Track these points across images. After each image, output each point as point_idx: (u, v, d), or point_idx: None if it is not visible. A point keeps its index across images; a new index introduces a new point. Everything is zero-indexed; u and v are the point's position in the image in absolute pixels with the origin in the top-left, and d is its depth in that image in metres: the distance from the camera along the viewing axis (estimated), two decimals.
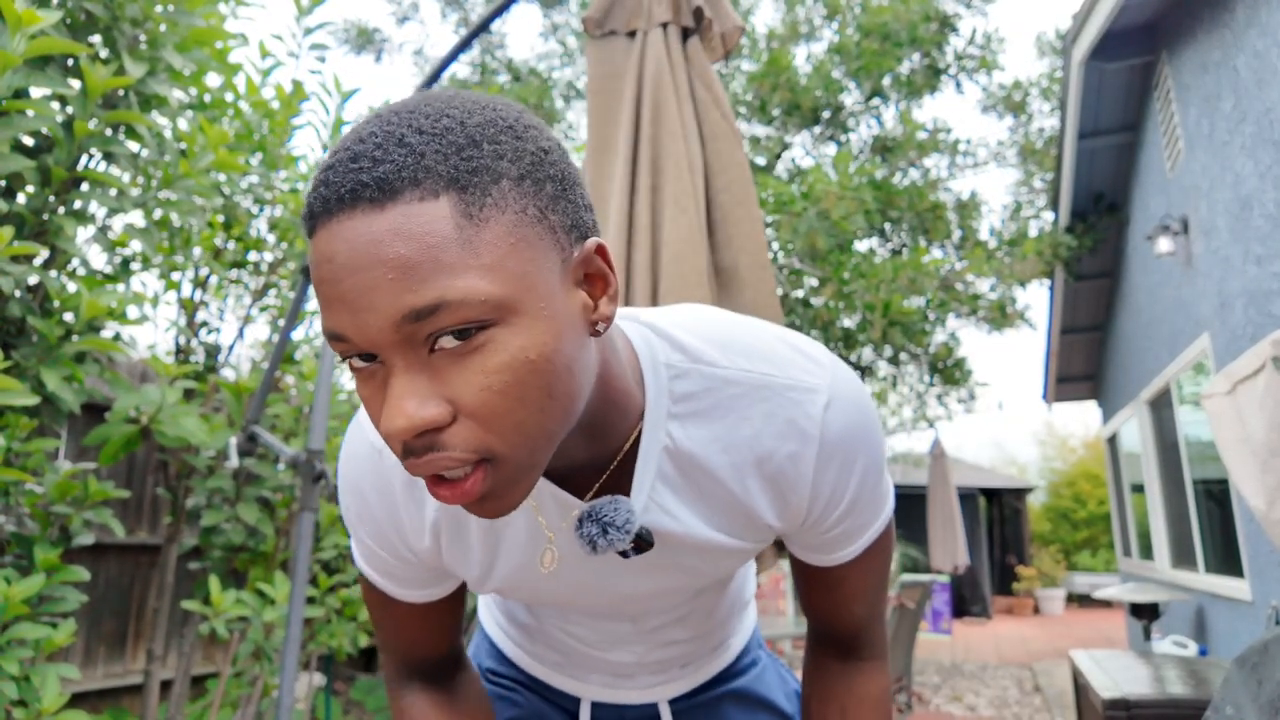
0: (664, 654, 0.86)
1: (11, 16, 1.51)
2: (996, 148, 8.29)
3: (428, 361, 0.47)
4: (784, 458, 0.64)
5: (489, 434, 0.48)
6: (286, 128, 2.44)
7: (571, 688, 0.90)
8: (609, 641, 0.84)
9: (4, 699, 1.60)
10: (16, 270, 1.58)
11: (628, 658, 0.85)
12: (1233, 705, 1.59)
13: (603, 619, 0.81)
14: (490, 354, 0.47)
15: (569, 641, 0.86)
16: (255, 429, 2.01)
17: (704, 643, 0.89)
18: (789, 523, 0.68)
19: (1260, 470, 2.74)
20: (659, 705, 0.90)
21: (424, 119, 0.47)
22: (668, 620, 0.82)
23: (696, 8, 2.08)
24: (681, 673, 0.90)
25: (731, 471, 0.64)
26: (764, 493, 0.65)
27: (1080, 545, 14.67)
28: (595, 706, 0.91)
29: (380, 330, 0.45)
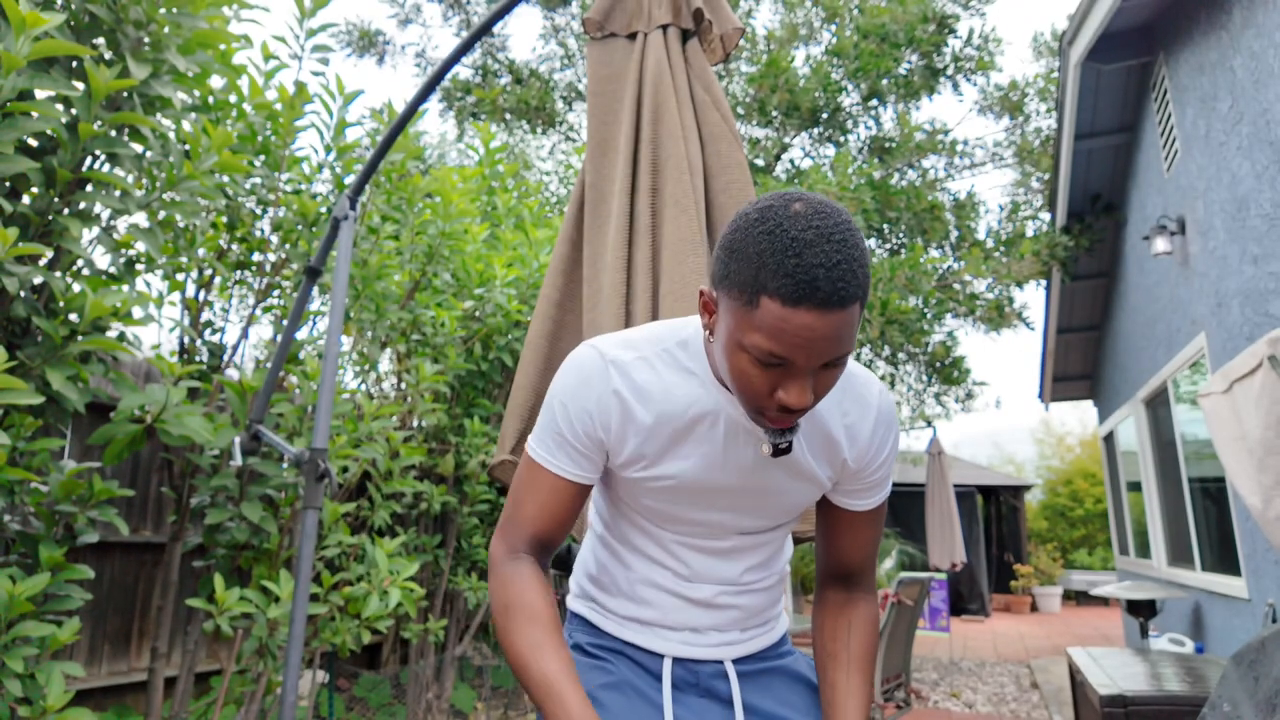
0: (732, 601, 1.14)
1: (16, 19, 1.52)
2: (994, 148, 8.31)
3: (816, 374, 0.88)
4: (855, 416, 1.06)
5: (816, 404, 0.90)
6: (290, 129, 2.45)
7: (658, 646, 1.14)
8: (697, 572, 1.11)
9: (9, 696, 1.61)
10: (21, 271, 1.60)
11: (703, 593, 1.12)
12: (1229, 702, 1.61)
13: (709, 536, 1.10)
14: (836, 371, 0.89)
15: (661, 580, 1.13)
16: (259, 428, 2.02)
17: (758, 614, 1.18)
18: (856, 460, 1.07)
19: (1256, 469, 2.75)
20: (725, 664, 1.15)
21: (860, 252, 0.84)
22: (747, 549, 1.13)
23: (696, 10, 2.10)
24: (742, 635, 1.17)
25: (831, 416, 1.05)
26: (846, 436, 1.06)
27: (1077, 543, 14.70)
28: (675, 666, 1.14)
29: (812, 365, 0.85)
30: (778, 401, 0.87)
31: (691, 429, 1.02)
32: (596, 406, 1.01)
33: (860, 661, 1.11)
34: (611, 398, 1.01)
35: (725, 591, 1.13)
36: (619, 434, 1.02)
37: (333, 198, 2.69)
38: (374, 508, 2.98)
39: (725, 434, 1.02)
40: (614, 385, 1.01)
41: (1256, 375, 2.77)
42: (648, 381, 1.02)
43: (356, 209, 1.92)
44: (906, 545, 9.36)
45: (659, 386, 1.02)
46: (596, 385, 1.01)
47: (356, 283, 2.76)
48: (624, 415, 1.02)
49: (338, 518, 2.56)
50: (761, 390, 0.87)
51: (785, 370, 0.86)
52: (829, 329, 0.81)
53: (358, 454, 2.55)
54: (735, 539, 1.11)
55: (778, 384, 0.87)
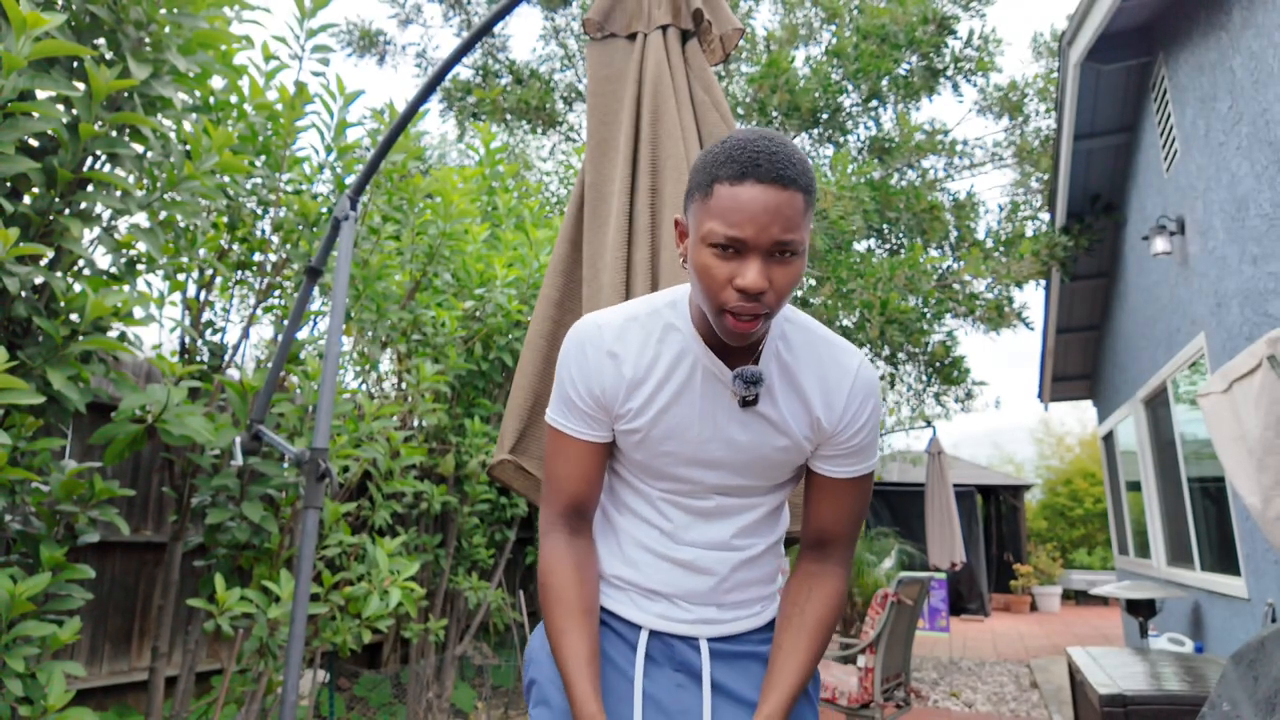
0: (712, 565, 1.17)
1: (17, 19, 1.53)
2: (993, 148, 8.31)
3: (768, 261, 0.96)
4: (833, 379, 1.13)
5: (775, 301, 0.98)
6: (290, 130, 2.45)
7: (636, 617, 1.19)
8: (687, 528, 1.16)
9: (10, 696, 1.62)
10: (22, 271, 1.60)
11: (686, 555, 1.16)
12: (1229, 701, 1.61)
13: (692, 495, 1.16)
14: (792, 266, 0.98)
15: (647, 539, 1.18)
16: (260, 428, 2.02)
17: (737, 591, 1.20)
18: (830, 423, 1.12)
19: (1256, 469, 2.76)
20: (700, 642, 1.18)
21: (800, 156, 0.98)
22: (730, 512, 1.17)
23: (696, 10, 2.10)
24: (720, 614, 1.19)
25: (806, 376, 1.12)
26: (820, 396, 1.12)
27: (1077, 543, 14.71)
28: (651, 640, 1.18)
29: (764, 243, 0.95)
30: (735, 287, 0.95)
31: (670, 376, 1.11)
32: (594, 369, 1.12)
33: (812, 628, 1.13)
34: (606, 360, 1.12)
35: (715, 559, 1.17)
36: (614, 391, 1.12)
37: (333, 198, 2.69)
38: (374, 507, 2.98)
39: (702, 383, 1.10)
40: (607, 347, 1.12)
41: (1256, 375, 2.77)
42: (637, 340, 1.13)
43: (357, 209, 1.93)
44: (906, 545, 9.35)
45: (646, 343, 1.12)
46: (590, 351, 1.13)
47: (357, 283, 2.76)
48: (617, 373, 1.12)
49: (338, 517, 2.56)
50: (721, 279, 0.97)
51: (740, 255, 0.96)
52: (774, 204, 0.94)
53: (358, 454, 2.55)
54: (717, 498, 1.17)
55: (735, 272, 0.96)
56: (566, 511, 1.16)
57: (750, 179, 0.94)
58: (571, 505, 1.16)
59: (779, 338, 1.12)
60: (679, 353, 1.11)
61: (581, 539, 1.17)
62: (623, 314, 1.15)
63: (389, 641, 4.53)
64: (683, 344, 1.11)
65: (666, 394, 1.11)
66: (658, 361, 1.12)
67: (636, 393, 1.12)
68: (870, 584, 8.06)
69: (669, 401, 1.11)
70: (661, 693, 1.15)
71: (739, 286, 0.95)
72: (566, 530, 1.16)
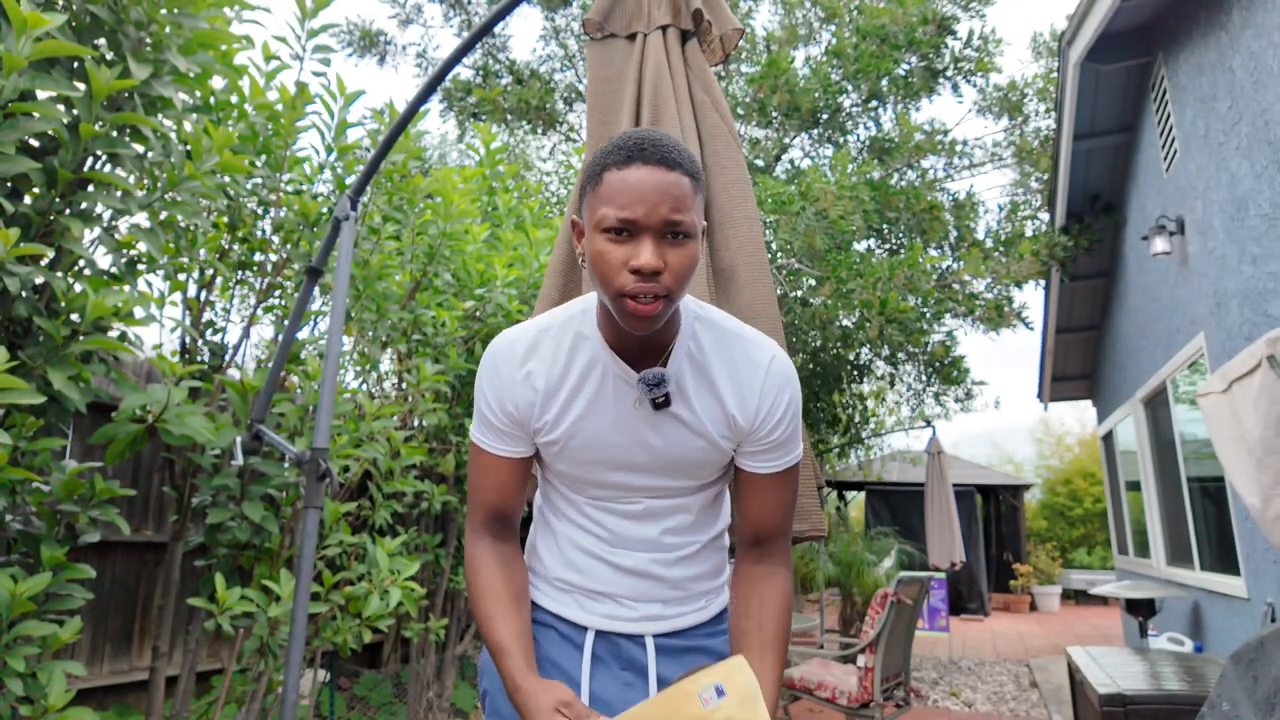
0: (662, 572, 1.18)
1: (17, 19, 1.53)
2: (993, 148, 8.31)
3: (661, 243, 0.98)
4: (745, 376, 1.13)
5: (673, 283, 0.99)
6: (291, 130, 2.45)
7: (581, 618, 1.20)
8: (618, 536, 1.17)
9: (11, 695, 1.62)
10: (23, 271, 1.60)
11: (631, 561, 1.17)
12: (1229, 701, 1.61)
13: (620, 500, 1.17)
14: (685, 249, 0.99)
15: (588, 544, 1.19)
16: (260, 428, 2.02)
17: (682, 586, 1.20)
18: (746, 420, 1.12)
19: (1255, 468, 2.76)
20: (645, 639, 1.19)
21: (684, 148, 1.03)
22: (661, 513, 1.17)
23: (695, 11, 2.10)
24: (665, 610, 1.20)
25: (718, 374, 1.12)
26: (734, 394, 1.12)
27: (1076, 542, 14.71)
28: (597, 640, 1.18)
29: (655, 223, 0.97)
30: (631, 269, 0.97)
31: (582, 386, 1.12)
32: (507, 386, 1.13)
33: (772, 641, 1.12)
34: (519, 376, 1.13)
35: (655, 560, 1.18)
36: (527, 407, 1.13)
37: (334, 198, 2.69)
38: (375, 507, 2.98)
39: (614, 390, 1.11)
40: (519, 363, 1.13)
41: (1255, 375, 2.77)
42: (549, 352, 1.14)
43: (358, 209, 1.93)
44: (906, 544, 9.36)
45: (558, 354, 1.13)
46: (502, 368, 1.14)
47: (357, 283, 2.76)
48: (529, 388, 1.13)
49: (339, 517, 2.56)
50: (617, 264, 0.98)
51: (633, 237, 0.98)
52: (662, 184, 0.97)
53: (359, 453, 2.55)
54: (646, 501, 1.17)
55: (630, 255, 0.98)
56: (488, 520, 1.18)
57: (636, 161, 0.98)
58: (492, 515, 1.18)
59: (690, 337, 1.12)
60: (589, 361, 1.12)
61: (505, 543, 1.19)
62: (536, 327, 1.15)
63: (389, 641, 4.53)
64: (591, 351, 1.12)
65: (580, 404, 1.12)
66: (569, 372, 1.12)
67: (550, 405, 1.13)
68: (870, 584, 8.06)
69: (583, 411, 1.12)
70: (609, 693, 1.15)
71: (634, 267, 0.96)
72: (490, 536, 1.18)
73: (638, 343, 1.09)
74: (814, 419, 7.96)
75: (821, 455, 9.10)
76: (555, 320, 1.15)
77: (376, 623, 2.52)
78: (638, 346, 1.09)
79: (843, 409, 8.64)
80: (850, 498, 13.49)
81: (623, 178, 0.98)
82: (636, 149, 0.99)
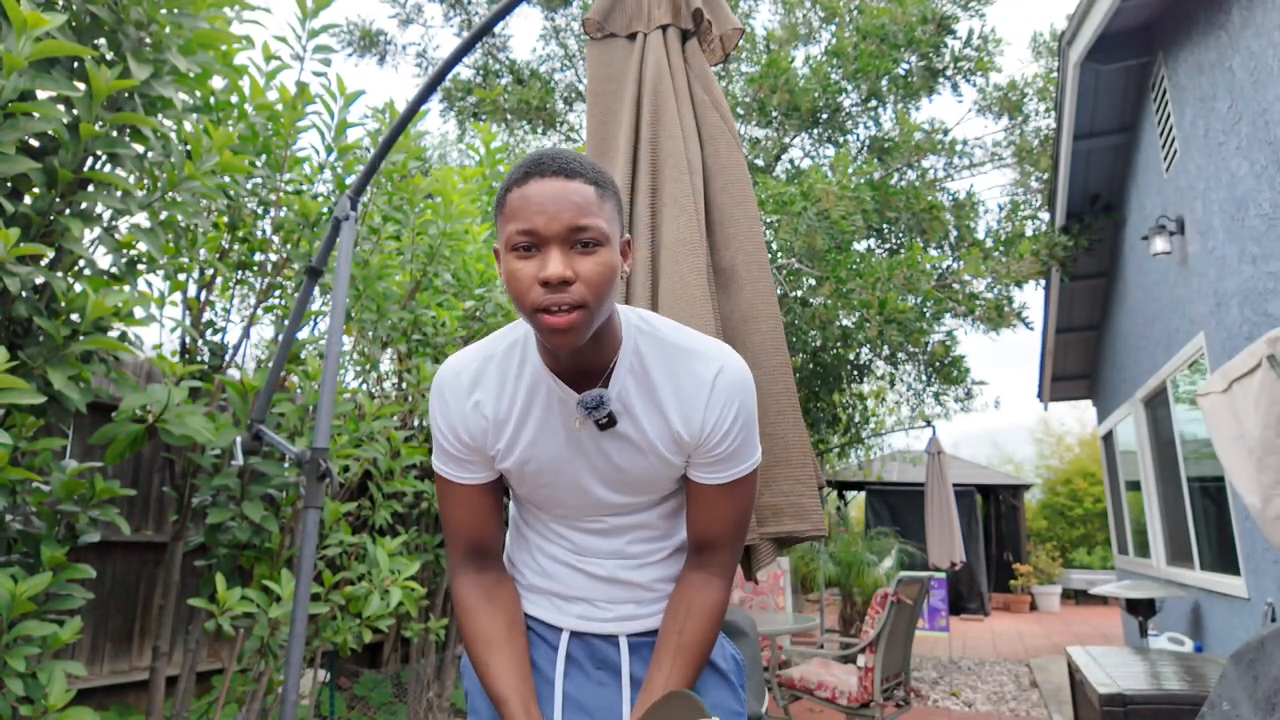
0: (631, 577, 1.19)
1: (17, 19, 1.53)
2: (993, 148, 8.31)
3: (570, 253, 0.96)
4: (689, 391, 1.10)
5: (587, 293, 0.96)
6: (291, 130, 2.45)
7: (555, 619, 1.21)
8: (586, 549, 1.18)
9: (11, 695, 1.62)
10: (23, 271, 1.60)
11: (602, 570, 1.18)
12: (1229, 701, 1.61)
13: (582, 517, 1.17)
14: (596, 257, 0.97)
15: (559, 555, 1.20)
16: (260, 428, 2.02)
17: (658, 588, 1.20)
18: (692, 436, 1.10)
19: (1256, 468, 2.76)
20: (619, 639, 1.19)
21: (586, 160, 1.02)
22: (625, 528, 1.18)
23: (695, 10, 2.10)
24: (639, 610, 1.20)
25: (662, 390, 1.10)
26: (678, 410, 1.10)
27: (1076, 542, 14.71)
28: (572, 641, 1.20)
29: (558, 232, 0.96)
30: (539, 281, 0.95)
31: (529, 411, 1.12)
32: (459, 418, 1.12)
33: (689, 650, 1.12)
34: (468, 406, 1.12)
35: (624, 566, 1.19)
36: (480, 435, 1.13)
37: (334, 198, 2.69)
38: (375, 507, 2.98)
39: (560, 413, 1.11)
40: (466, 393, 1.12)
41: (1255, 375, 2.77)
42: (494, 380, 1.13)
43: (358, 209, 1.93)
44: (906, 544, 9.36)
45: (504, 381, 1.12)
46: (450, 399, 1.13)
47: (358, 283, 2.76)
48: (479, 416, 1.12)
49: (339, 517, 2.56)
50: (528, 280, 0.96)
51: (540, 251, 0.97)
52: (561, 194, 0.97)
53: (359, 453, 2.55)
54: (608, 519, 1.17)
55: (538, 269, 0.96)
56: (469, 553, 1.18)
57: (534, 176, 0.98)
58: (471, 547, 1.18)
59: (631, 353, 1.10)
60: (533, 385, 1.11)
61: (489, 573, 1.19)
62: (481, 354, 1.14)
63: (389, 641, 4.53)
64: (535, 376, 1.10)
65: (529, 430, 1.11)
66: (516, 398, 1.11)
67: (502, 433, 1.12)
68: (870, 584, 8.06)
69: (533, 436, 1.11)
70: (583, 692, 1.17)
71: (542, 279, 0.94)
72: (473, 569, 1.18)
73: (575, 363, 1.06)
74: (814, 419, 7.96)
75: (821, 455, 9.10)
76: (499, 346, 1.14)
77: (376, 623, 2.52)
78: (576, 366, 1.07)
79: (843, 409, 8.64)
80: (850, 498, 13.49)
81: (523, 194, 0.97)
82: (534, 164, 0.99)
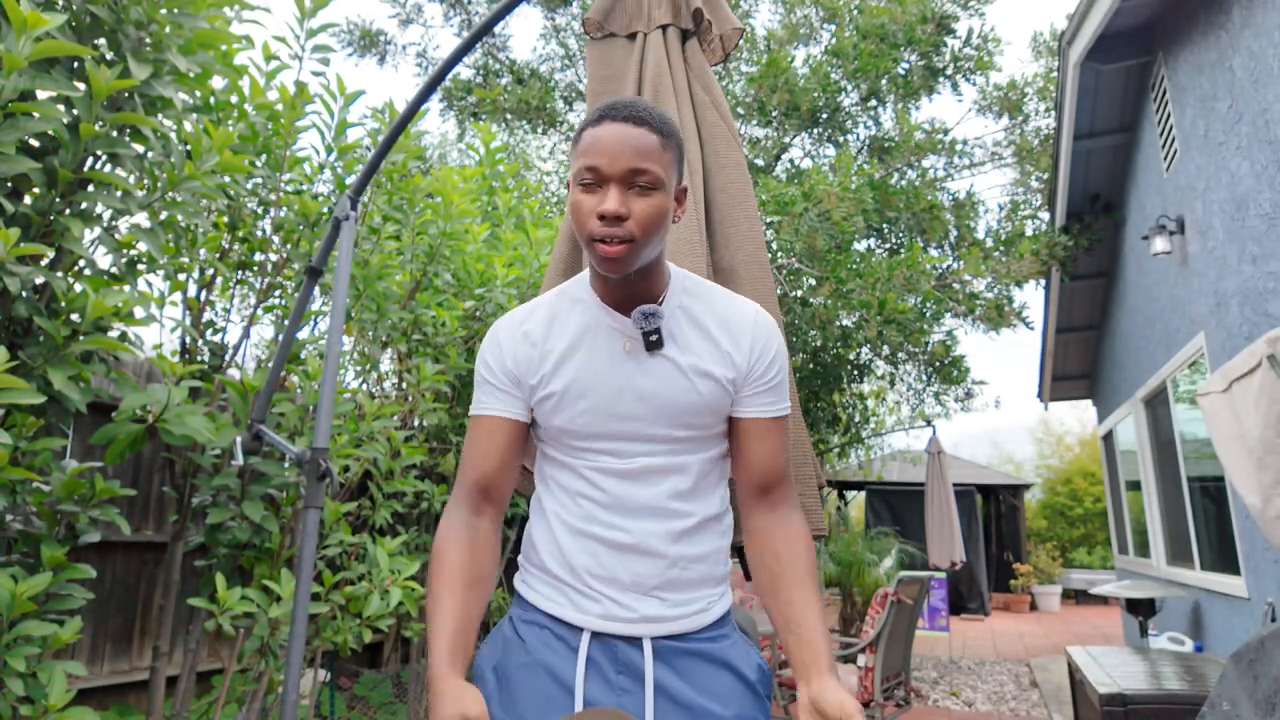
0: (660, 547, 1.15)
1: (17, 19, 1.53)
2: (993, 148, 8.31)
3: (627, 192, 1.07)
4: (735, 322, 1.21)
5: (637, 230, 1.07)
6: (291, 130, 2.45)
7: (575, 618, 1.16)
8: (617, 499, 1.17)
9: (11, 695, 1.62)
10: (23, 271, 1.60)
11: (627, 537, 1.15)
12: (1229, 701, 1.61)
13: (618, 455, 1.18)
14: (650, 199, 1.08)
15: (585, 522, 1.17)
16: (260, 428, 2.02)
17: (688, 568, 1.17)
18: (741, 358, 1.19)
19: (1256, 468, 2.76)
20: (643, 642, 1.15)
21: (659, 112, 1.13)
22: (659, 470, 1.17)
23: (695, 10, 2.10)
24: (664, 610, 1.16)
25: (711, 320, 1.20)
26: (728, 337, 1.19)
27: (1076, 542, 14.71)
28: (592, 643, 1.15)
29: (619, 172, 1.06)
30: (597, 214, 1.05)
31: (578, 340, 1.19)
32: (507, 348, 1.21)
33: (806, 575, 1.15)
34: (518, 336, 1.21)
35: (652, 533, 1.16)
36: (525, 362, 1.20)
37: (334, 198, 2.69)
38: (375, 507, 2.98)
39: (606, 340, 1.18)
40: (521, 328, 1.22)
41: (1256, 374, 2.77)
42: (544, 315, 1.23)
43: (358, 209, 1.93)
44: (906, 544, 9.36)
45: (554, 316, 1.22)
46: (503, 335, 1.23)
47: (358, 283, 2.76)
48: (528, 344, 1.21)
49: (339, 517, 2.56)
50: (587, 211, 1.07)
51: (601, 187, 1.07)
52: (627, 137, 1.06)
53: (359, 453, 2.55)
54: (642, 458, 1.17)
55: (598, 203, 1.06)
56: (473, 490, 1.20)
57: (606, 120, 1.09)
58: (479, 484, 1.20)
59: (679, 293, 1.20)
60: (582, 316, 1.20)
61: (482, 519, 1.20)
62: (534, 303, 1.26)
63: (390, 641, 4.53)
64: (585, 310, 1.20)
65: (576, 356, 1.18)
66: (565, 329, 1.20)
67: (547, 359, 1.19)
68: (870, 583, 8.06)
69: (579, 363, 1.18)
70: (604, 699, 1.12)
71: (599, 212, 1.05)
72: (469, 508, 1.20)
73: (627, 293, 1.15)
74: (814, 419, 7.96)
75: (822, 455, 9.10)
76: (550, 296, 1.25)
77: (377, 622, 2.52)
78: (628, 296, 1.16)
79: (843, 409, 8.64)
80: (850, 497, 13.49)
81: (594, 134, 1.08)
82: (609, 109, 1.09)
